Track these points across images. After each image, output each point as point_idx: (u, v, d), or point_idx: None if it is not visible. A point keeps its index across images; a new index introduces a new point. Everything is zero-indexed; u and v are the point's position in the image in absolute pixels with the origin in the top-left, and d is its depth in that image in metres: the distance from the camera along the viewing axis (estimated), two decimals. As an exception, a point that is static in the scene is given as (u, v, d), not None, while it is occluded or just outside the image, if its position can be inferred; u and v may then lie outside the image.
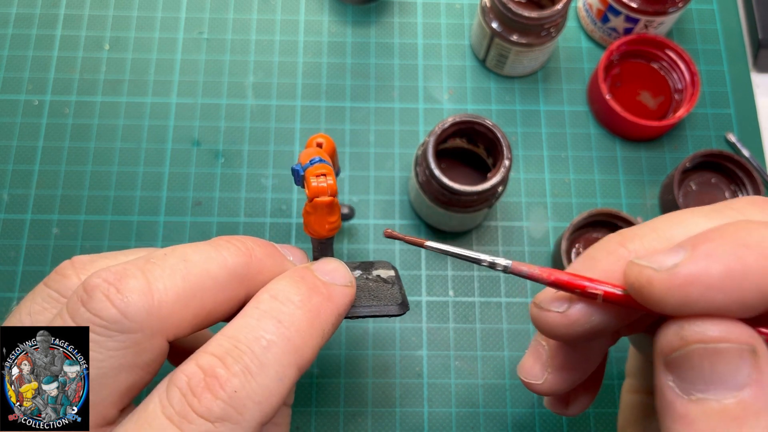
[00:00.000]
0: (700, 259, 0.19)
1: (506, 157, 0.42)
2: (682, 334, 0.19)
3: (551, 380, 0.26)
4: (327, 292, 0.25)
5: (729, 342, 0.18)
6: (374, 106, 0.53)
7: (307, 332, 0.23)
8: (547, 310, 0.23)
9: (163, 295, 0.22)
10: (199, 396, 0.20)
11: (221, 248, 0.24)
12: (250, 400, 0.21)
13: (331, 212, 0.29)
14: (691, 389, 0.19)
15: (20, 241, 0.48)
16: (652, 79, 0.54)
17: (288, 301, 0.23)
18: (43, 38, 0.54)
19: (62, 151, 0.51)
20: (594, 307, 0.22)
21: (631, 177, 0.52)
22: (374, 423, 0.45)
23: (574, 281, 0.22)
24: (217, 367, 0.21)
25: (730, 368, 0.18)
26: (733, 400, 0.18)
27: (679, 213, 0.23)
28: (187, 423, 0.20)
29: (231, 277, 0.24)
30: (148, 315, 0.22)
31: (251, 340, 0.22)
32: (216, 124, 0.52)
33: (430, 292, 0.48)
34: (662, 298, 0.19)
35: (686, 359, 0.19)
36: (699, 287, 0.18)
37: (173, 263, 0.23)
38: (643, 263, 0.20)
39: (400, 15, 0.57)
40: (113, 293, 0.22)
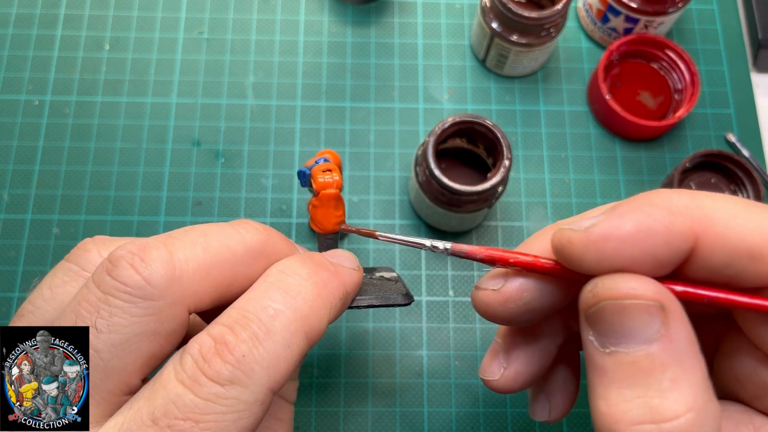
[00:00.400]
0: (614, 218, 0.20)
1: (506, 157, 0.42)
2: (594, 291, 0.20)
3: (507, 376, 0.27)
4: (334, 269, 0.26)
5: (637, 298, 0.20)
6: (374, 106, 0.53)
7: (314, 302, 0.24)
8: (484, 289, 0.25)
9: (184, 265, 0.23)
10: (210, 361, 0.21)
11: (239, 226, 0.26)
12: (258, 365, 0.22)
13: (337, 206, 0.30)
14: (606, 342, 0.20)
15: (20, 241, 0.48)
16: (652, 79, 0.54)
17: (295, 274, 0.24)
18: (43, 38, 0.54)
19: (62, 151, 0.51)
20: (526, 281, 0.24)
21: (631, 177, 0.52)
22: (374, 423, 0.45)
23: (505, 255, 0.24)
24: (226, 335, 0.22)
25: (639, 323, 0.20)
26: (641, 353, 0.19)
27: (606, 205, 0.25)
28: (199, 386, 0.21)
29: (248, 252, 0.25)
30: (170, 283, 0.23)
31: (259, 309, 0.23)
32: (216, 124, 0.52)
33: (430, 292, 0.48)
34: (581, 256, 0.21)
35: (600, 314, 0.20)
36: (612, 243, 0.20)
37: (194, 237, 0.24)
38: (565, 227, 0.21)
39: (400, 15, 0.57)
40: (137, 262, 0.22)
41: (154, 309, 0.22)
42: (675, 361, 0.19)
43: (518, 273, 0.24)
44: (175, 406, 0.21)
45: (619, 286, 0.20)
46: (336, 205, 0.30)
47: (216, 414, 0.21)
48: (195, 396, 0.21)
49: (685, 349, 0.20)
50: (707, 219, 0.20)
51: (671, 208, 0.20)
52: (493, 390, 0.27)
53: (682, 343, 0.20)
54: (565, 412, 0.29)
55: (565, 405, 0.29)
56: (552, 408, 0.29)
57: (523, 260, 0.23)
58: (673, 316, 0.20)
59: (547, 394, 0.29)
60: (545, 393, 0.29)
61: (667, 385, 0.19)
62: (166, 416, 0.20)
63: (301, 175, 0.32)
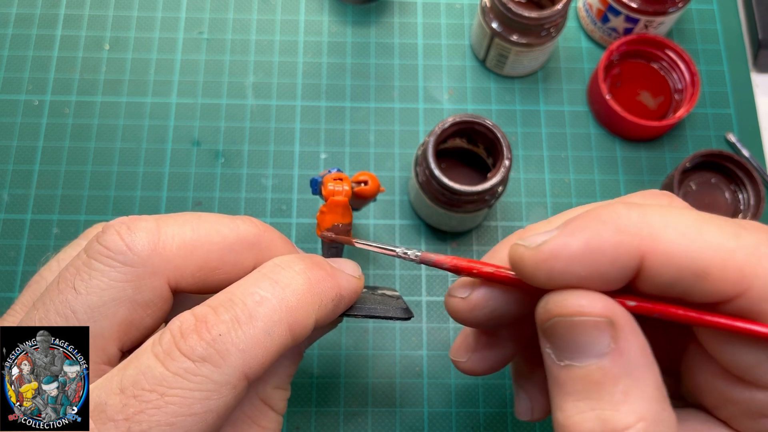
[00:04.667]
0: (564, 235, 0.21)
1: (506, 157, 0.42)
2: (546, 308, 0.21)
3: (473, 360, 0.28)
4: (330, 270, 0.26)
5: (585, 315, 0.20)
6: (374, 106, 0.53)
7: (303, 296, 0.24)
8: (454, 296, 0.25)
9: (169, 239, 0.24)
10: (186, 337, 0.21)
11: (237, 218, 0.26)
12: (234, 346, 0.21)
13: (344, 215, 0.30)
14: (561, 356, 0.21)
15: (20, 241, 0.48)
16: (652, 79, 0.54)
17: (289, 268, 0.24)
18: (43, 38, 0.54)
19: (62, 151, 0.51)
20: (491, 291, 0.24)
21: (631, 177, 0.52)
22: (374, 423, 0.45)
23: (469, 265, 0.24)
24: (208, 314, 0.22)
25: (589, 339, 0.20)
26: (594, 367, 0.20)
27: (577, 208, 0.25)
28: (171, 360, 0.21)
29: (240, 241, 0.25)
30: (151, 252, 0.23)
31: (245, 294, 0.23)
32: (216, 124, 0.52)
33: (430, 292, 0.48)
34: (533, 273, 0.21)
35: (553, 330, 0.21)
36: (561, 261, 0.20)
37: (187, 218, 0.25)
38: (519, 242, 0.22)
39: (400, 15, 0.57)
40: (124, 230, 0.23)
41: (133, 275, 0.23)
42: (626, 373, 0.20)
43: (484, 283, 0.25)
44: (144, 377, 0.21)
45: (569, 303, 0.20)
46: (343, 214, 0.30)
47: (183, 389, 0.21)
48: (165, 369, 0.21)
49: (636, 361, 0.20)
50: (654, 237, 0.20)
51: (619, 226, 0.20)
52: (461, 371, 0.29)
53: (634, 356, 0.20)
54: (548, 412, 0.29)
55: (547, 405, 0.29)
56: (534, 407, 0.29)
57: (485, 271, 0.24)
58: (623, 330, 0.20)
59: (529, 394, 0.29)
60: (527, 393, 0.29)
61: (619, 398, 0.19)
62: (134, 386, 0.21)
63: (313, 183, 0.33)
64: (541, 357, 0.29)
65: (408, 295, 0.48)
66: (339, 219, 0.30)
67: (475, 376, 0.29)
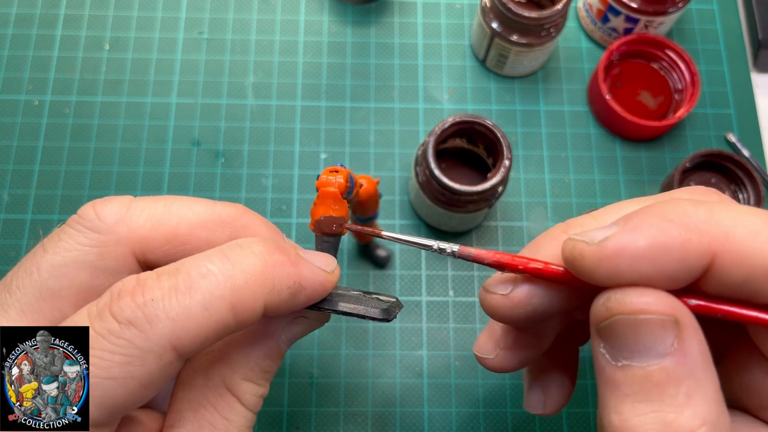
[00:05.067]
0: (628, 232, 0.20)
1: (506, 157, 0.42)
2: (607, 305, 0.20)
3: (502, 357, 0.27)
4: (294, 258, 0.24)
5: (650, 313, 0.19)
6: (374, 106, 0.53)
7: (253, 277, 0.22)
8: (493, 293, 0.24)
9: (138, 211, 0.25)
10: (120, 298, 0.21)
11: (217, 201, 0.26)
12: (164, 313, 0.21)
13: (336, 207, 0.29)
14: (618, 356, 0.20)
15: (20, 241, 0.48)
16: (652, 79, 0.54)
17: (247, 248, 0.23)
18: (43, 38, 0.54)
19: (62, 151, 0.51)
20: (535, 287, 0.23)
21: (631, 177, 0.52)
22: (374, 423, 0.45)
23: (514, 260, 0.23)
24: (149, 279, 0.22)
25: (653, 338, 0.19)
26: (655, 368, 0.19)
27: (619, 203, 0.24)
28: (99, 320, 0.21)
29: (214, 217, 0.25)
30: (118, 220, 0.24)
31: (193, 265, 0.22)
32: (216, 124, 0.52)
33: (430, 292, 0.48)
34: (593, 270, 0.20)
35: (613, 328, 0.20)
36: (626, 258, 0.20)
37: (164, 197, 0.26)
38: (577, 238, 0.21)
39: (400, 15, 0.57)
40: (99, 202, 0.25)
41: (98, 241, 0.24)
42: (689, 375, 0.19)
43: (527, 278, 0.24)
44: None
45: (633, 301, 0.20)
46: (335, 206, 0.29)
47: (103, 351, 0.20)
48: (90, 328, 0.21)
49: (698, 362, 0.19)
50: (725, 236, 0.19)
51: (687, 224, 0.20)
52: (486, 368, 0.28)
53: (696, 357, 0.19)
54: (560, 406, 0.29)
55: (561, 399, 0.29)
56: (547, 401, 0.29)
57: (534, 267, 0.23)
58: (687, 330, 0.19)
59: (543, 387, 0.29)
60: (541, 386, 0.29)
61: (682, 400, 0.19)
62: None
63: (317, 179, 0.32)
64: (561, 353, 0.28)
65: (408, 296, 0.48)
66: (330, 211, 0.29)
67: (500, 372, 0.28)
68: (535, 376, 0.29)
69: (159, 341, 0.21)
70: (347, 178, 0.29)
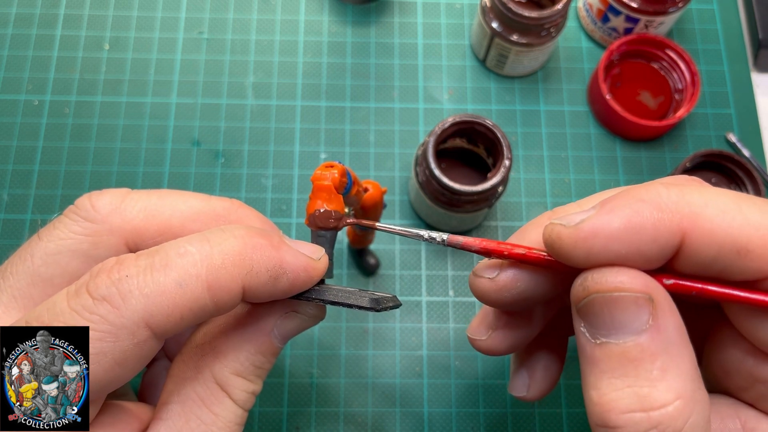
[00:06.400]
0: (603, 214, 0.20)
1: (506, 157, 0.42)
2: (584, 284, 0.21)
3: (494, 338, 0.28)
4: (276, 243, 0.24)
5: (624, 290, 0.20)
6: (374, 106, 0.53)
7: (230, 258, 0.22)
8: (480, 277, 0.25)
9: (132, 203, 0.25)
10: (97, 276, 0.21)
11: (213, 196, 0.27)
12: (138, 290, 0.21)
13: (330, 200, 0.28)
14: (596, 333, 0.21)
15: (20, 241, 0.48)
16: (652, 79, 0.54)
17: (229, 232, 0.23)
18: (43, 38, 0.54)
19: (62, 151, 0.51)
20: (520, 272, 0.24)
21: (631, 177, 0.52)
22: (374, 423, 0.45)
23: (499, 247, 0.24)
24: (128, 258, 0.22)
25: (628, 315, 0.20)
26: (631, 344, 0.20)
27: (607, 191, 0.25)
28: (75, 297, 0.21)
29: (208, 210, 0.26)
30: (111, 211, 0.25)
31: (172, 246, 0.22)
32: (216, 124, 0.52)
33: (430, 292, 0.48)
34: (570, 251, 0.21)
35: (590, 307, 0.21)
36: (601, 239, 0.20)
37: (160, 190, 0.26)
38: (556, 222, 0.21)
39: (400, 15, 0.57)
40: (95, 194, 0.25)
41: (91, 231, 0.24)
42: (664, 350, 0.20)
43: (512, 264, 0.24)
44: (46, 311, 0.21)
45: (608, 280, 0.20)
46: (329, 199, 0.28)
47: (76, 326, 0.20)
48: (66, 305, 0.21)
49: (673, 339, 0.20)
50: (695, 215, 0.20)
51: (659, 205, 0.20)
52: (478, 350, 0.28)
53: (671, 333, 0.20)
54: (545, 392, 0.29)
55: (546, 384, 0.29)
56: (531, 385, 0.29)
57: (516, 252, 0.24)
58: (662, 307, 0.20)
59: (529, 370, 0.29)
60: (527, 369, 0.29)
61: (657, 375, 0.19)
62: (36, 320, 0.21)
63: None
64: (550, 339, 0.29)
65: (408, 296, 0.48)
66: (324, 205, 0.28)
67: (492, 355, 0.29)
68: (522, 360, 0.30)
69: (132, 317, 0.21)
70: (342, 174, 0.29)
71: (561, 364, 0.30)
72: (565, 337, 0.30)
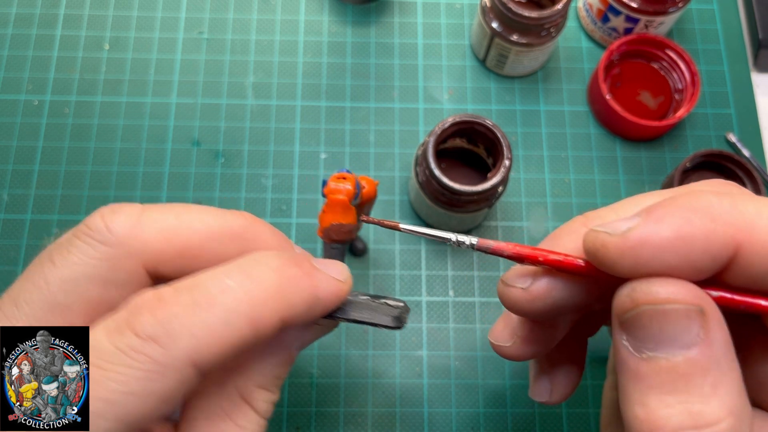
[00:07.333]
0: (652, 222, 0.20)
1: (506, 157, 0.42)
2: (632, 296, 0.20)
3: (518, 344, 0.27)
4: (309, 271, 0.24)
5: (676, 302, 0.19)
6: (374, 106, 0.53)
7: (271, 293, 0.22)
8: (512, 286, 0.24)
9: (150, 222, 0.24)
10: (139, 314, 0.21)
11: (228, 211, 0.26)
12: (185, 329, 0.21)
13: (345, 214, 0.29)
14: (642, 347, 0.20)
15: (20, 241, 0.48)
16: (652, 79, 0.54)
17: (264, 263, 0.23)
18: (43, 38, 0.54)
19: (62, 151, 0.51)
20: (555, 280, 0.23)
21: (631, 177, 0.52)
22: (374, 423, 0.45)
23: (534, 252, 0.23)
24: (167, 294, 0.21)
25: (678, 328, 0.19)
26: (681, 359, 0.19)
27: (638, 196, 0.24)
28: (118, 335, 0.20)
29: (224, 231, 0.25)
30: (129, 233, 0.23)
31: (211, 280, 0.22)
32: (216, 124, 0.52)
33: (430, 292, 0.48)
34: (616, 261, 0.20)
35: (637, 320, 0.20)
36: (650, 249, 0.19)
37: (174, 207, 0.25)
38: (599, 229, 0.21)
39: (400, 15, 0.57)
40: (108, 212, 0.24)
41: (109, 255, 0.23)
42: (715, 365, 0.19)
43: (546, 271, 0.23)
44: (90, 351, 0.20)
45: (659, 291, 0.19)
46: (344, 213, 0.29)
47: (123, 366, 0.20)
48: (109, 343, 0.20)
49: (723, 353, 0.19)
50: (749, 227, 0.19)
51: (712, 214, 0.19)
52: (501, 355, 0.28)
53: (721, 348, 0.19)
54: (566, 396, 0.29)
55: (567, 389, 0.29)
56: (553, 390, 0.29)
57: (554, 259, 0.23)
58: (712, 320, 0.19)
59: (550, 376, 0.29)
60: (549, 375, 0.29)
61: (708, 390, 0.19)
62: None
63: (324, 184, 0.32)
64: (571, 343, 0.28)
65: (408, 296, 0.48)
66: (339, 218, 0.29)
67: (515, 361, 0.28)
68: (542, 365, 0.29)
69: (180, 356, 0.21)
70: (355, 185, 0.29)
71: (582, 367, 0.29)
72: (585, 340, 0.30)
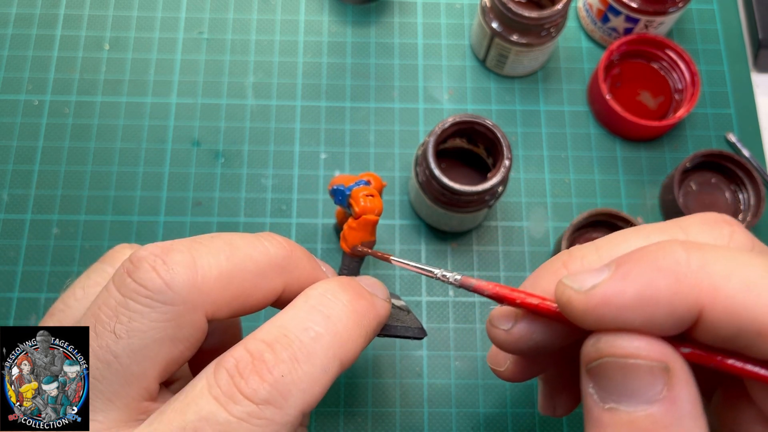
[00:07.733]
0: (616, 280, 0.19)
1: (506, 157, 0.42)
2: (597, 346, 0.20)
3: (512, 369, 0.28)
4: (371, 300, 0.26)
5: (640, 358, 0.19)
6: (374, 106, 0.53)
7: (353, 330, 0.24)
8: (496, 327, 0.25)
9: (206, 271, 0.23)
10: (247, 378, 0.21)
11: (264, 239, 0.25)
12: (295, 387, 0.21)
13: (372, 233, 0.30)
14: (607, 398, 0.20)
15: (20, 241, 0.48)
16: (652, 79, 0.54)
17: (337, 300, 0.24)
18: (43, 38, 0.54)
19: (62, 151, 0.51)
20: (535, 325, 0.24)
21: (631, 177, 0.52)
22: (374, 423, 0.45)
23: (512, 294, 0.23)
24: (265, 352, 0.22)
25: (642, 383, 0.19)
26: (642, 414, 0.19)
27: (626, 232, 0.24)
28: (233, 403, 0.21)
29: (271, 265, 0.25)
30: (191, 289, 0.22)
31: (300, 330, 0.23)
32: (216, 124, 0.52)
33: (430, 292, 0.48)
34: (581, 317, 0.20)
35: (602, 370, 0.20)
36: (612, 308, 0.19)
37: (219, 245, 0.24)
38: (567, 283, 0.21)
39: (400, 15, 0.57)
40: (159, 265, 0.22)
41: (173, 314, 0.22)
42: (676, 423, 0.19)
43: (526, 314, 0.24)
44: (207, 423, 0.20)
45: (623, 345, 0.19)
46: (372, 232, 0.30)
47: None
48: (228, 414, 0.20)
49: (687, 411, 0.19)
50: (715, 290, 0.19)
51: (677, 275, 0.19)
52: (500, 378, 0.28)
53: (685, 406, 0.19)
54: (570, 409, 0.30)
55: (570, 403, 0.30)
56: (558, 405, 0.30)
57: (530, 303, 0.23)
58: (678, 378, 0.19)
59: (554, 392, 0.30)
60: (552, 392, 0.30)
61: None
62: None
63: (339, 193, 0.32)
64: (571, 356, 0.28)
65: (408, 295, 0.48)
66: (368, 237, 0.30)
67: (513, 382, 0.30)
68: (546, 383, 0.30)
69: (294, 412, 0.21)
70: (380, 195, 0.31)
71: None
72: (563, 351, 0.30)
